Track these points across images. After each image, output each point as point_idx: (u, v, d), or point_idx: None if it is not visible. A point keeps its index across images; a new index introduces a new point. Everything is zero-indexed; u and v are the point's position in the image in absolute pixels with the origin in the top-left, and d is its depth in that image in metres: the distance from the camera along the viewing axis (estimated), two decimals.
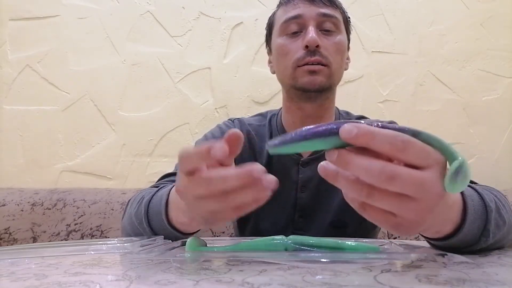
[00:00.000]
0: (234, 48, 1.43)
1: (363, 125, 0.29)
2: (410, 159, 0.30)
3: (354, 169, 0.30)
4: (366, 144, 0.29)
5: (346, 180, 0.32)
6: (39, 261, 0.38)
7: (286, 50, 0.73)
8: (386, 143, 0.29)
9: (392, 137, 0.29)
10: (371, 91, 1.41)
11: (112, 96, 1.42)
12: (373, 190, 0.30)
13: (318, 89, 0.71)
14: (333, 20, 0.73)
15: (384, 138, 0.29)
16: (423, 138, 0.30)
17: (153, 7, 1.44)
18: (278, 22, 0.76)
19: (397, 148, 0.29)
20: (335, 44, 0.73)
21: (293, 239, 0.39)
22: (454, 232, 0.40)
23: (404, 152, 0.29)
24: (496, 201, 0.45)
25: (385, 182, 0.29)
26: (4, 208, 1.16)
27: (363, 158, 0.30)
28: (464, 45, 1.40)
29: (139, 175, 1.39)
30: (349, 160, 0.30)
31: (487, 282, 0.29)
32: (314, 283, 0.29)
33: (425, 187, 0.30)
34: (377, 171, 0.29)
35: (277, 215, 0.77)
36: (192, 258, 0.38)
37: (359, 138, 0.29)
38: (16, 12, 1.43)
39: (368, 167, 0.29)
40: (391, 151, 0.29)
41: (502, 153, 1.36)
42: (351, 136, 0.29)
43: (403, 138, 0.29)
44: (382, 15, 1.43)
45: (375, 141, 0.29)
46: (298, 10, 0.72)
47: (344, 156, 0.30)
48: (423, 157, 0.30)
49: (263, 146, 0.80)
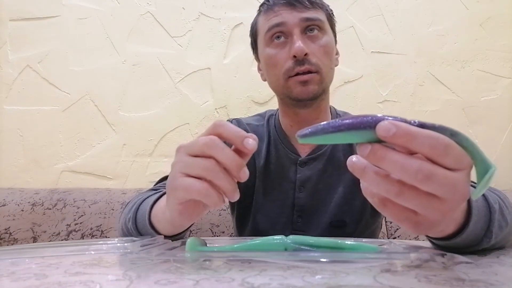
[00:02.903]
0: (234, 49, 1.43)
1: (403, 124, 0.28)
2: (447, 163, 0.29)
3: (389, 165, 0.29)
4: (404, 144, 0.28)
5: (376, 175, 0.30)
6: (40, 261, 0.38)
7: (274, 61, 0.72)
8: (426, 146, 0.28)
9: (434, 139, 0.28)
10: (370, 91, 1.41)
11: (112, 96, 1.42)
12: (404, 187, 0.29)
13: (312, 97, 0.71)
14: (317, 23, 0.71)
15: (426, 140, 0.28)
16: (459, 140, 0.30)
17: (153, 8, 1.44)
18: (262, 30, 0.75)
19: (438, 152, 0.28)
20: (322, 47, 0.71)
21: (293, 239, 0.39)
22: (457, 232, 0.40)
23: (444, 156, 0.29)
24: (499, 202, 0.45)
25: (421, 181, 0.28)
26: (5, 208, 1.17)
27: (399, 154, 0.29)
28: (463, 46, 1.40)
29: (139, 175, 1.39)
30: (384, 155, 0.29)
31: (486, 282, 0.29)
32: (314, 283, 0.29)
33: (456, 188, 0.29)
34: (414, 170, 0.28)
35: (275, 215, 0.77)
36: (192, 258, 0.38)
37: (398, 138, 0.28)
38: (16, 12, 1.43)
39: (404, 165, 0.28)
40: (431, 154, 0.29)
41: (502, 153, 1.36)
42: (389, 134, 0.28)
43: (445, 142, 0.28)
44: (382, 15, 1.43)
45: (415, 142, 0.28)
46: (280, 17, 0.71)
47: (378, 151, 0.29)
48: (458, 161, 0.29)
49: (261, 146, 0.80)
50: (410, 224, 0.32)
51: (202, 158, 0.38)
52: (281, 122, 0.82)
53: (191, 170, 0.39)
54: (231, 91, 1.42)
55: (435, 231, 0.34)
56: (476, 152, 0.30)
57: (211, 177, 0.38)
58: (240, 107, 1.41)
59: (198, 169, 0.38)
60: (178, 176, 0.40)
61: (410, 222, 0.32)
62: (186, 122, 1.41)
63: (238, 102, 1.41)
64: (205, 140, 0.38)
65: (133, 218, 0.56)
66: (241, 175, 0.37)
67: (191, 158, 0.39)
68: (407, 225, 0.32)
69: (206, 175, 0.38)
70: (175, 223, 0.48)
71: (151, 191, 0.67)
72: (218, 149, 0.37)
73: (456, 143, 0.29)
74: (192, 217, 0.44)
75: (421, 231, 0.33)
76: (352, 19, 1.44)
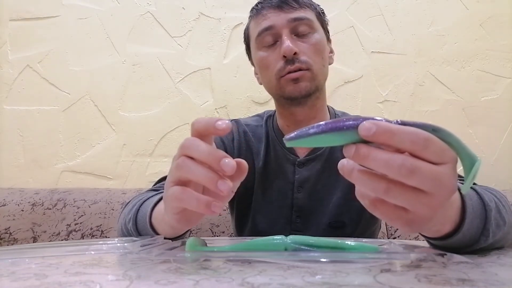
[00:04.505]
0: (234, 49, 1.43)
1: (383, 123, 0.29)
2: (429, 157, 0.30)
3: (373, 163, 0.30)
4: (385, 141, 0.29)
5: (363, 174, 0.31)
6: (40, 261, 0.38)
7: (266, 63, 0.73)
8: (407, 141, 0.29)
9: (414, 134, 0.29)
10: (370, 91, 1.41)
11: (112, 96, 1.42)
12: (391, 184, 0.30)
13: (305, 94, 0.72)
14: (305, 22, 0.72)
15: (405, 136, 0.29)
16: (442, 136, 0.31)
17: (153, 8, 1.45)
18: (253, 35, 0.76)
19: (418, 146, 0.29)
20: (312, 46, 0.72)
21: (293, 239, 0.39)
22: (453, 231, 0.40)
23: (425, 150, 0.29)
24: (496, 201, 0.45)
25: (406, 175, 0.29)
26: (5, 208, 1.17)
27: (382, 152, 0.30)
28: (463, 46, 1.40)
29: (139, 175, 1.39)
30: (368, 154, 0.30)
31: (486, 282, 0.29)
32: (314, 283, 0.29)
33: (442, 182, 0.30)
34: (397, 165, 0.29)
35: (274, 215, 0.77)
36: (192, 258, 0.38)
37: (379, 136, 0.29)
38: (16, 12, 1.43)
39: (388, 161, 0.29)
40: (412, 149, 0.29)
41: (501, 154, 1.36)
42: (371, 133, 0.29)
43: (425, 136, 0.29)
44: (382, 15, 1.43)
45: (395, 138, 0.29)
46: (269, 21, 0.72)
47: (362, 150, 0.30)
48: (442, 155, 0.30)
49: (260, 147, 0.80)
50: (402, 222, 0.33)
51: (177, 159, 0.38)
52: (279, 123, 0.82)
53: (172, 176, 0.39)
54: (231, 91, 1.42)
55: (427, 228, 0.34)
56: (460, 146, 0.31)
57: (184, 173, 0.37)
58: (240, 107, 1.41)
59: (174, 171, 0.38)
60: (169, 186, 0.40)
61: (401, 220, 0.33)
62: (186, 122, 1.41)
63: (238, 102, 1.41)
64: (182, 143, 0.38)
65: (134, 219, 0.56)
66: (223, 167, 0.35)
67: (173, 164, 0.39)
68: (399, 223, 0.33)
69: (181, 174, 0.38)
70: (174, 229, 0.48)
71: (151, 191, 0.67)
72: (193, 147, 0.37)
73: (440, 139, 0.30)
74: (190, 223, 0.43)
75: (414, 229, 0.33)
76: (352, 19, 1.44)
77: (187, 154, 0.37)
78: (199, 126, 0.38)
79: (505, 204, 0.47)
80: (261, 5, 0.74)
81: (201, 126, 0.38)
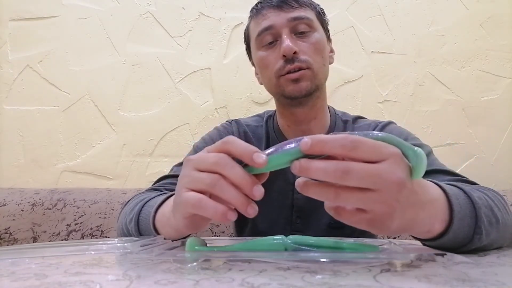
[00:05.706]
0: (234, 49, 1.43)
1: (317, 135, 0.33)
2: (362, 156, 0.33)
3: (315, 173, 0.33)
4: (321, 151, 0.33)
5: (314, 187, 0.34)
6: (40, 261, 0.38)
7: (266, 63, 0.73)
8: (337, 146, 0.32)
9: (342, 139, 0.32)
10: (370, 91, 1.41)
11: (112, 96, 1.42)
12: (338, 189, 0.33)
13: (306, 94, 0.71)
14: (305, 21, 0.72)
15: (336, 142, 0.32)
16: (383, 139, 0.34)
17: (153, 8, 1.45)
18: (253, 35, 0.76)
19: (348, 148, 0.32)
20: (312, 45, 0.72)
21: (293, 239, 0.39)
22: (445, 231, 0.40)
23: (355, 151, 0.32)
24: (486, 198, 0.45)
25: (342, 177, 0.32)
26: (5, 208, 1.17)
27: (319, 161, 0.33)
28: (463, 46, 1.40)
29: (139, 175, 1.39)
30: (308, 166, 0.33)
31: (486, 282, 0.29)
32: (314, 283, 0.29)
33: (381, 177, 0.32)
34: (332, 170, 0.32)
35: (275, 216, 0.77)
36: (192, 258, 0.38)
37: (315, 147, 0.33)
38: (16, 12, 1.43)
39: (325, 168, 0.32)
40: (344, 152, 0.33)
41: (501, 153, 1.36)
42: (308, 147, 0.33)
43: (352, 138, 0.33)
44: (382, 15, 1.43)
45: (328, 146, 0.33)
46: (269, 20, 0.72)
47: (303, 164, 0.33)
48: (375, 152, 0.33)
49: (260, 147, 0.80)
50: (365, 223, 0.35)
51: (208, 173, 0.37)
52: (279, 123, 0.82)
53: (195, 185, 0.38)
54: (231, 91, 1.42)
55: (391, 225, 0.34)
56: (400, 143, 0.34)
57: (215, 191, 0.37)
58: (240, 107, 1.41)
59: (202, 184, 0.38)
60: (182, 191, 0.39)
61: (364, 221, 0.35)
62: (186, 122, 1.41)
63: (238, 102, 1.41)
64: (214, 158, 0.37)
65: (136, 219, 0.56)
66: (255, 193, 0.36)
67: (197, 173, 0.38)
68: (364, 225, 0.35)
69: (211, 190, 0.37)
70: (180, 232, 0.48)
71: (151, 191, 0.67)
72: (228, 167, 0.36)
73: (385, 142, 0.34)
74: (197, 229, 0.43)
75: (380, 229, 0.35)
76: (352, 19, 1.44)
77: (219, 171, 0.37)
78: (236, 150, 0.37)
79: (497, 203, 0.47)
80: (261, 5, 0.74)
81: (237, 151, 0.37)
